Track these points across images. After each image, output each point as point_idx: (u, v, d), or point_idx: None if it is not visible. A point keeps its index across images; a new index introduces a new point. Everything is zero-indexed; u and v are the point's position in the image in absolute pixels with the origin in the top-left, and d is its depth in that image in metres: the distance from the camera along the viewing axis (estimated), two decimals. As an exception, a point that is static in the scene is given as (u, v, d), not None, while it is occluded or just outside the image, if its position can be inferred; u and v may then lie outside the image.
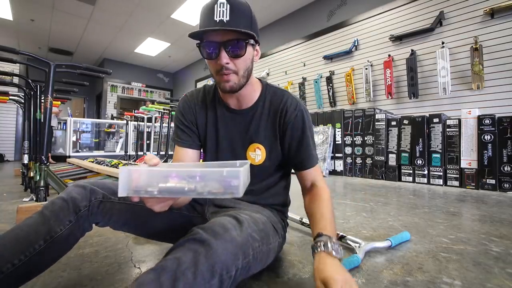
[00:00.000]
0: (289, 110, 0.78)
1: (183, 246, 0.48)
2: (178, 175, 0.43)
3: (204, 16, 0.67)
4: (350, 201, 1.90)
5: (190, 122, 0.83)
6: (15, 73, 2.48)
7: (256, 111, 0.80)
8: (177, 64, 8.24)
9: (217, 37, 0.66)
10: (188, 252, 0.46)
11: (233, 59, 0.68)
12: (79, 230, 0.64)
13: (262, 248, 0.61)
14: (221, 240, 0.49)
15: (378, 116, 3.19)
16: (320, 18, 4.50)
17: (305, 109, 0.81)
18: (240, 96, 0.78)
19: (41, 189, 1.65)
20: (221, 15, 0.64)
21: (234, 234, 0.52)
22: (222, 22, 0.64)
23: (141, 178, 0.43)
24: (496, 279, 0.77)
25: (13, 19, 5.34)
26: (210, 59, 0.69)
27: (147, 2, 4.66)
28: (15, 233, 0.58)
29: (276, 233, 0.73)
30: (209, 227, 0.52)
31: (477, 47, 2.78)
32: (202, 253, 0.46)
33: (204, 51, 0.68)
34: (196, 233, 0.50)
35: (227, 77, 0.69)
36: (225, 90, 0.71)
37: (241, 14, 0.67)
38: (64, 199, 0.63)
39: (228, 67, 0.67)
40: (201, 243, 0.47)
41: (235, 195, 0.42)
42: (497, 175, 2.34)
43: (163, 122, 4.17)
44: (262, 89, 0.82)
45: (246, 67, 0.71)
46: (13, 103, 3.52)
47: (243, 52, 0.68)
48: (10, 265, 0.54)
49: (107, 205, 0.68)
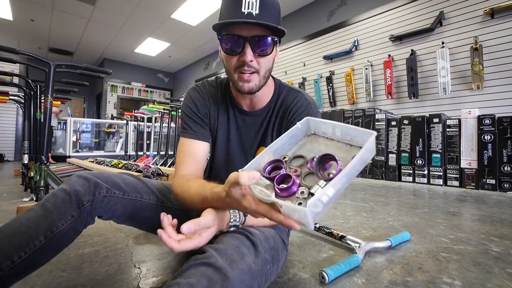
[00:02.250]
0: (298, 111, 0.73)
1: (196, 269, 0.44)
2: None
3: (229, 6, 0.61)
4: (350, 201, 1.90)
5: (204, 114, 0.77)
6: (15, 73, 2.48)
7: (268, 112, 0.76)
8: (177, 64, 8.24)
9: (244, 30, 0.60)
10: (202, 279, 0.43)
11: (257, 57, 0.63)
12: (81, 224, 0.61)
13: (273, 270, 0.59)
14: (237, 271, 0.46)
15: (378, 116, 3.19)
16: (320, 18, 4.50)
17: (315, 112, 0.75)
18: (254, 98, 0.74)
19: (41, 189, 1.65)
20: (250, 6, 0.59)
21: (249, 261, 0.49)
22: (250, 14, 0.59)
23: None
24: (496, 279, 0.77)
25: (13, 19, 5.34)
26: (232, 55, 0.63)
27: (147, 2, 4.66)
28: (15, 227, 0.55)
29: (284, 246, 0.70)
30: (223, 250, 0.48)
31: (477, 47, 2.78)
32: (218, 283, 0.43)
33: (226, 44, 0.62)
34: (210, 256, 0.46)
35: (248, 77, 0.64)
36: (243, 91, 0.66)
37: (271, 7, 0.61)
38: (67, 192, 0.59)
39: (251, 65, 0.63)
40: (216, 271, 0.44)
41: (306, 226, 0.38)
42: (497, 175, 2.34)
43: (163, 122, 4.17)
44: (275, 89, 0.77)
45: (268, 67, 0.66)
46: (13, 103, 3.52)
47: (269, 50, 0.63)
48: (10, 262, 0.52)
49: (112, 200, 0.64)
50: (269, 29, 0.61)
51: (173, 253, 0.45)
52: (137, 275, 0.79)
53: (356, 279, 0.77)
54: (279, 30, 0.61)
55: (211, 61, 7.29)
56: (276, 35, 0.63)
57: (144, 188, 0.72)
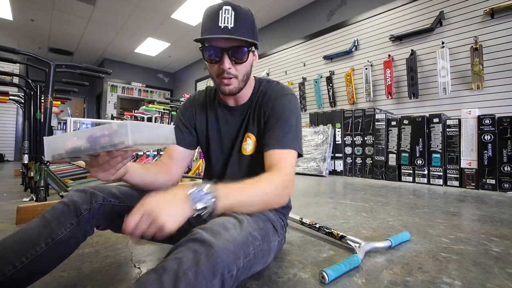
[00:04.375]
0: (272, 95, 0.79)
1: (183, 246, 0.47)
2: (77, 136, 0.49)
3: (208, 20, 0.68)
4: (350, 201, 1.90)
5: (188, 121, 0.87)
6: (15, 73, 2.48)
7: (251, 104, 0.83)
8: (177, 64, 8.24)
9: (221, 43, 0.68)
10: (188, 252, 0.45)
11: (235, 65, 0.71)
12: (80, 233, 0.65)
13: (263, 247, 0.61)
14: (222, 240, 0.48)
15: (378, 116, 3.19)
16: (320, 18, 4.50)
17: (290, 95, 0.79)
18: (237, 96, 0.81)
19: (41, 189, 1.65)
20: (226, 21, 0.66)
21: (234, 233, 0.52)
22: (226, 28, 0.66)
23: (55, 144, 0.49)
24: (496, 279, 0.77)
25: (13, 19, 5.34)
26: (213, 63, 0.71)
27: (147, 2, 4.66)
28: (18, 236, 0.58)
29: (276, 231, 0.73)
30: (209, 227, 0.51)
31: (477, 47, 2.78)
32: (203, 253, 0.45)
33: (207, 54, 0.71)
34: (196, 233, 0.49)
35: (228, 81, 0.72)
36: (225, 93, 0.75)
37: (245, 21, 0.69)
38: (65, 203, 0.64)
39: (229, 72, 0.70)
40: (202, 243, 0.47)
41: (125, 142, 0.46)
42: (497, 175, 2.34)
43: (163, 122, 4.17)
44: (256, 83, 0.85)
45: (246, 72, 0.74)
46: (13, 103, 3.52)
47: (245, 58, 0.71)
48: (12, 267, 0.54)
49: (107, 208, 0.69)
50: (245, 41, 0.68)
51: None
52: (137, 275, 0.79)
53: (356, 279, 0.77)
54: (251, 42, 0.69)
55: (211, 61, 7.28)
56: (250, 45, 0.70)
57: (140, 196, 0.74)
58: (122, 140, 0.46)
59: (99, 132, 0.47)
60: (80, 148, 0.47)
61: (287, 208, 0.89)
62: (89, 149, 0.47)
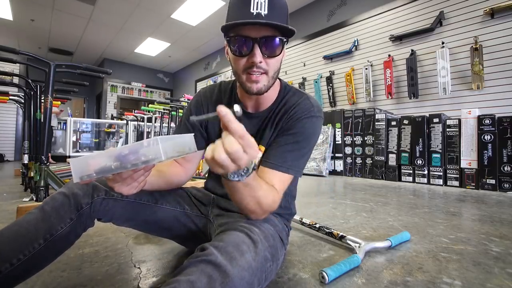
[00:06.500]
0: (296, 115, 0.70)
1: (196, 267, 0.44)
2: (105, 156, 0.48)
3: (237, 7, 0.60)
4: (350, 201, 1.90)
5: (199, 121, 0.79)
6: (15, 73, 2.48)
7: (270, 113, 0.75)
8: (177, 64, 8.24)
9: (253, 32, 0.59)
10: (202, 277, 0.43)
11: (266, 58, 0.62)
12: (80, 227, 0.62)
13: (272, 267, 0.58)
14: (237, 268, 0.46)
15: (378, 116, 3.19)
16: (320, 18, 4.50)
17: (316, 118, 0.71)
18: (260, 98, 0.73)
19: (41, 189, 1.65)
20: (259, 7, 0.57)
21: (249, 259, 0.49)
22: (259, 15, 0.57)
23: (82, 165, 0.49)
24: (496, 279, 0.77)
25: (13, 19, 5.34)
26: (240, 56, 0.62)
27: (147, 2, 4.66)
28: (14, 230, 0.55)
29: (283, 244, 0.70)
30: (223, 247, 0.48)
31: (477, 47, 2.78)
32: (218, 280, 0.43)
33: (235, 46, 0.62)
34: (210, 253, 0.46)
35: (257, 78, 0.63)
36: (252, 92, 0.65)
37: (280, 8, 0.60)
38: (66, 195, 0.60)
39: (260, 66, 0.62)
40: (216, 268, 0.44)
41: (158, 158, 0.45)
42: (497, 175, 2.34)
43: (163, 122, 4.17)
44: (281, 91, 0.76)
45: (277, 68, 0.66)
46: (13, 103, 3.52)
47: (278, 51, 0.62)
48: (9, 264, 0.52)
49: (110, 202, 0.65)
50: (278, 30, 0.60)
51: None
52: (137, 275, 0.79)
53: (356, 279, 0.77)
54: (288, 30, 0.60)
55: (211, 61, 7.29)
56: (284, 36, 0.62)
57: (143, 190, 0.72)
58: (155, 156, 0.46)
59: (127, 150, 0.47)
60: (110, 167, 0.47)
61: (292, 215, 0.85)
62: (119, 168, 0.47)
